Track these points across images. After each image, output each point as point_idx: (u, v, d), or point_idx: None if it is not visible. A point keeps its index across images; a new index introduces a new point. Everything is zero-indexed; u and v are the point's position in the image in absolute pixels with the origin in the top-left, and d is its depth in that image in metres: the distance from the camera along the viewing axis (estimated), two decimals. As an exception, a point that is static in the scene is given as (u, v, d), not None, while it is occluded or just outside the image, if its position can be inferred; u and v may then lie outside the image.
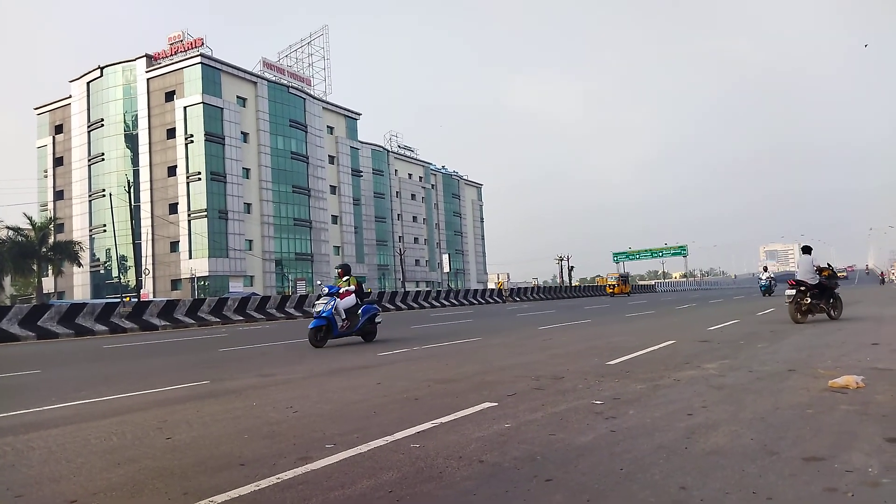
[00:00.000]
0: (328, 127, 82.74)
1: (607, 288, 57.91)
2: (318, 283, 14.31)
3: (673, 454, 3.75)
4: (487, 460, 3.77)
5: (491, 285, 75.30)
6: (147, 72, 67.99)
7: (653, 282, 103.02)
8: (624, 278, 57.96)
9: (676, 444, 3.99)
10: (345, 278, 12.58)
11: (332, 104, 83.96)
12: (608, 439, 4.17)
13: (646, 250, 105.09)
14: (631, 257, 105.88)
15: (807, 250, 14.51)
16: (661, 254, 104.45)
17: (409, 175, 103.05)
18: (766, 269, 38.54)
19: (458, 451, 3.99)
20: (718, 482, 3.20)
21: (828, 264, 14.41)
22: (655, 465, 3.55)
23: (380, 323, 13.15)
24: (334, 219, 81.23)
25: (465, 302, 40.79)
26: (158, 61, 68.43)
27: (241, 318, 25.52)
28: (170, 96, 66.79)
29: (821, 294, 13.86)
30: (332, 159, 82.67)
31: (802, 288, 13.59)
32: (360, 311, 12.48)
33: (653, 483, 3.23)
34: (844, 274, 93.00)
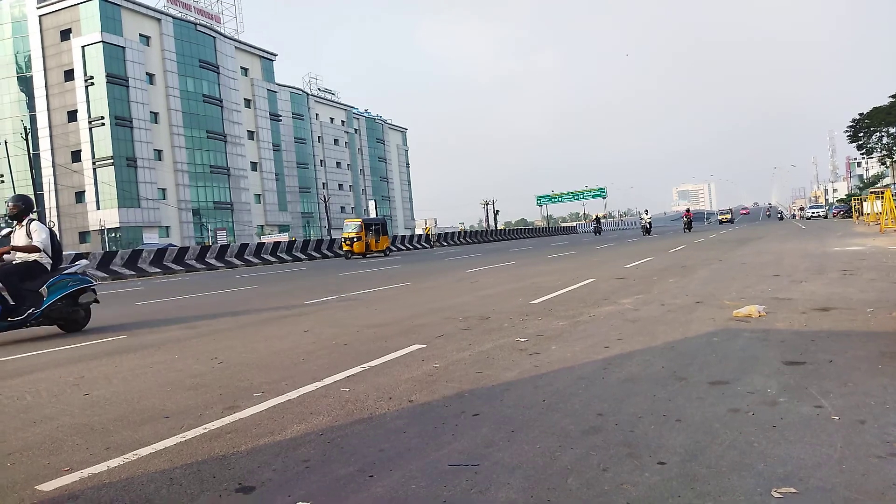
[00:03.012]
0: (242, 68, 78.64)
1: (343, 244, 31.25)
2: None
3: (591, 384, 3.96)
4: (417, 399, 3.86)
5: (419, 231, 75.41)
6: (38, 7, 62.15)
7: (573, 223, 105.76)
8: (378, 226, 32.71)
9: (594, 374, 4.21)
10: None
11: (246, 44, 79.65)
12: (532, 374, 4.35)
13: (568, 193, 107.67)
14: (554, 200, 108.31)
15: None
16: (582, 196, 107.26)
17: (332, 119, 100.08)
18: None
19: (389, 392, 4.06)
20: (632, 407, 3.42)
21: None
22: (575, 395, 3.74)
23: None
24: (254, 165, 78.29)
25: (393, 248, 40.78)
26: (50, -4, 62.57)
27: (158, 270, 24.55)
28: (65, 35, 61.46)
29: None
30: (248, 103, 78.96)
31: None
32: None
33: (573, 412, 3.41)
34: (728, 217, 73.64)
